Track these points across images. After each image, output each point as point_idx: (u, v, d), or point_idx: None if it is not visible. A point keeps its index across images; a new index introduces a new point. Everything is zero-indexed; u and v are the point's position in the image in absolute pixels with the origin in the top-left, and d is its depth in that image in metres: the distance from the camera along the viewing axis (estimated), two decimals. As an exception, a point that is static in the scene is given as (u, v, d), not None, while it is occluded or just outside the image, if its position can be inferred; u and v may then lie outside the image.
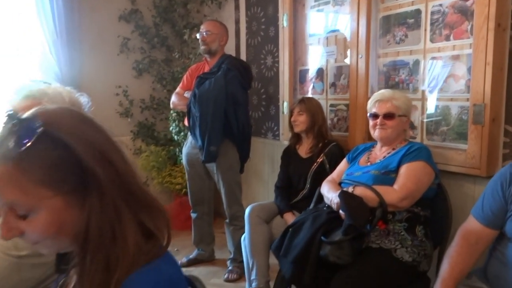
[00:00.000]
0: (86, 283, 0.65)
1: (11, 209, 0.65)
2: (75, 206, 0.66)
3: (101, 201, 0.65)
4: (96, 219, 0.65)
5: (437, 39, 2.08)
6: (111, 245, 0.66)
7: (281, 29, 3.08)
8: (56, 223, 0.65)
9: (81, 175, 0.65)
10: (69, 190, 0.65)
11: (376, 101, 1.95)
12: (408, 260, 1.67)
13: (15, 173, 0.62)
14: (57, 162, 0.64)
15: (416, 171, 1.74)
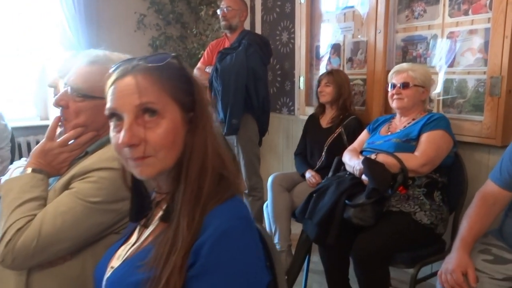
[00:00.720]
0: (184, 203, 0.75)
1: (138, 115, 0.76)
2: (185, 125, 0.79)
3: (202, 130, 0.78)
4: (197, 143, 0.78)
5: (456, 14, 2.15)
6: (200, 173, 0.76)
7: (297, 5, 3.13)
8: (173, 132, 0.77)
9: (194, 102, 0.79)
10: (185, 109, 0.79)
11: (394, 72, 2.03)
12: (426, 223, 1.78)
13: (153, 79, 0.77)
14: (180, 85, 0.79)
15: (436, 139, 1.83)
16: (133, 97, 0.76)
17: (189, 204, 0.75)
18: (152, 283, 0.71)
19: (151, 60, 0.79)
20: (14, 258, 0.97)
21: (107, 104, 0.79)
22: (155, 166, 0.78)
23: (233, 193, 0.80)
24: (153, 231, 0.83)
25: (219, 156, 0.81)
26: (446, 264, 1.43)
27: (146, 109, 0.76)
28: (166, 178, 0.82)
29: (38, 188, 1.07)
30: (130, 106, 0.76)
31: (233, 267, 0.72)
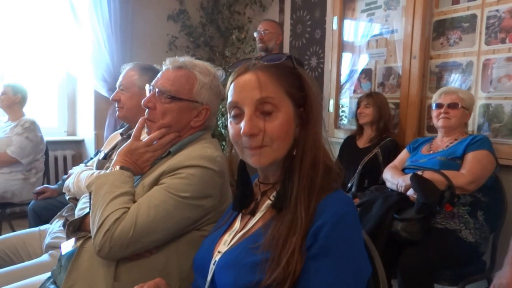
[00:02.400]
0: (300, 189, 0.81)
1: (258, 108, 0.83)
2: (297, 119, 0.86)
3: (312, 124, 0.85)
4: (310, 135, 0.84)
5: (492, 42, 2.24)
6: (311, 163, 0.82)
7: (329, 31, 3.25)
8: (287, 125, 0.84)
9: (305, 98, 0.86)
10: (297, 104, 0.86)
11: (442, 93, 2.09)
12: (472, 241, 1.81)
13: (271, 76, 0.85)
14: (294, 81, 0.86)
15: (482, 158, 1.89)
16: (254, 91, 0.83)
17: (304, 193, 0.80)
18: (272, 263, 0.76)
19: (269, 59, 0.87)
20: (112, 247, 1.01)
21: (229, 99, 0.86)
22: (270, 155, 0.84)
23: (339, 185, 0.86)
24: (261, 218, 0.88)
25: (326, 150, 0.86)
26: (499, 279, 1.46)
27: (266, 103, 0.83)
28: (276, 169, 0.88)
29: (127, 184, 1.12)
30: (251, 99, 0.83)
31: (348, 251, 0.77)
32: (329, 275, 0.75)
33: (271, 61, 0.86)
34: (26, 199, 2.80)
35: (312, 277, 0.75)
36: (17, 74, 3.70)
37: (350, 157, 2.55)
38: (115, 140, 1.72)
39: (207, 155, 1.13)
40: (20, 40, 3.66)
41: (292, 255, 0.75)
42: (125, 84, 1.63)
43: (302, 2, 3.55)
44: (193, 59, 1.28)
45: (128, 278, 1.08)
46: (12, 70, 3.72)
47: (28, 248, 1.70)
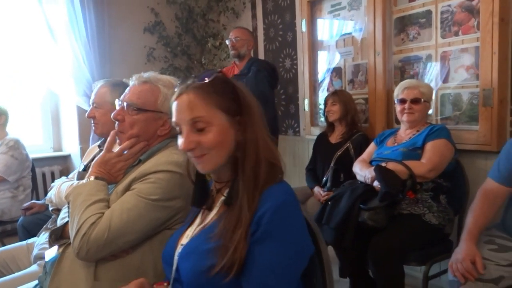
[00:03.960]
0: (244, 186, 0.92)
1: (192, 126, 0.95)
2: (234, 127, 0.96)
3: (252, 127, 0.95)
4: (250, 137, 0.95)
5: (447, 35, 2.38)
6: (256, 161, 0.93)
7: (299, 34, 3.37)
8: (221, 136, 0.95)
9: (239, 107, 0.96)
10: (232, 114, 0.96)
11: (404, 88, 2.20)
12: (435, 223, 1.94)
13: (201, 96, 0.95)
14: (226, 94, 0.96)
15: (440, 147, 2.01)
16: (186, 113, 0.95)
17: (249, 188, 0.92)
18: (222, 249, 0.88)
19: (201, 77, 0.97)
20: (88, 249, 1.12)
21: (173, 118, 0.98)
22: (211, 162, 0.97)
23: (282, 177, 0.97)
24: (216, 212, 1.00)
25: (269, 148, 0.98)
26: (456, 255, 1.58)
27: (197, 122, 0.95)
28: (225, 170, 0.99)
29: (102, 192, 1.23)
30: (185, 120, 0.96)
31: (289, 233, 0.89)
32: (272, 255, 0.87)
33: (203, 79, 0.97)
34: (15, 216, 2.88)
35: (256, 258, 0.87)
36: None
37: (324, 153, 2.67)
38: (93, 152, 1.83)
39: (174, 160, 1.24)
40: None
41: (239, 243, 0.87)
42: (97, 101, 1.73)
43: (272, 7, 3.68)
44: (157, 73, 1.39)
45: (107, 277, 1.18)
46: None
47: (17, 262, 1.79)
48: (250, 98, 0.99)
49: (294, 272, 0.91)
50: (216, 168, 0.99)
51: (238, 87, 0.99)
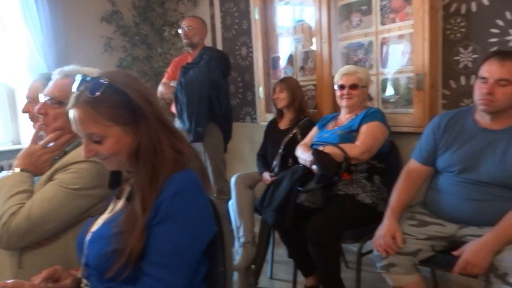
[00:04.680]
0: (140, 183, 0.98)
1: (88, 138, 0.99)
2: (130, 133, 1.00)
3: (147, 128, 0.99)
4: (144, 141, 0.99)
5: (386, 22, 2.47)
6: (155, 157, 0.99)
7: (253, 21, 3.42)
8: (118, 145, 1.00)
9: (133, 112, 0.99)
10: (126, 122, 0.99)
11: (343, 75, 2.29)
12: (368, 202, 2.05)
13: (92, 113, 0.97)
14: (118, 104, 0.98)
15: (373, 129, 2.11)
16: (80, 128, 0.99)
17: (148, 180, 0.98)
18: (124, 235, 0.94)
19: (92, 90, 0.97)
20: (9, 238, 1.17)
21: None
22: (113, 163, 1.04)
23: (186, 166, 1.03)
24: (123, 202, 1.06)
25: (171, 143, 1.03)
26: (378, 231, 1.69)
27: (92, 135, 0.99)
28: (130, 166, 1.05)
29: (26, 183, 1.27)
30: (80, 133, 1.00)
31: (186, 216, 0.96)
32: (169, 237, 0.94)
33: (93, 92, 0.97)
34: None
35: (154, 240, 0.95)
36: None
37: (273, 139, 2.75)
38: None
39: None
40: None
41: (140, 229, 0.94)
42: (31, 96, 1.75)
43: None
44: (80, 67, 1.42)
45: (32, 265, 1.23)
46: None
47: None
48: (144, 100, 1.00)
49: (191, 252, 0.98)
50: (120, 167, 1.07)
51: (130, 93, 0.98)
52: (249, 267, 2.41)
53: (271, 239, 2.51)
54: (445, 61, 2.21)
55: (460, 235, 1.63)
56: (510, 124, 1.61)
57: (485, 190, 1.60)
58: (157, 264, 0.94)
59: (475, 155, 1.63)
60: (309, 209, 2.00)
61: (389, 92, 2.51)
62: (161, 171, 0.98)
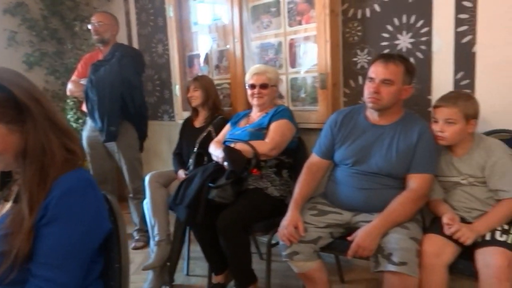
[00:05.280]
0: (27, 183, 0.96)
1: None
2: (16, 132, 0.97)
3: (34, 128, 0.97)
4: (32, 140, 0.97)
5: (293, 24, 2.60)
6: (43, 157, 0.97)
7: (168, 19, 3.40)
8: (2, 144, 0.96)
9: (19, 110, 0.96)
10: (9, 120, 0.96)
11: (253, 74, 2.37)
12: (277, 195, 2.15)
13: None
14: (1, 102, 0.95)
15: (281, 127, 2.22)
16: None
17: (33, 185, 0.96)
18: (12, 236, 0.92)
19: None
20: None
21: None
22: (1, 164, 1.01)
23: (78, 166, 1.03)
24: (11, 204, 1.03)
25: (64, 144, 1.02)
26: (282, 222, 1.80)
27: None
28: (18, 166, 1.02)
29: None
30: None
31: (75, 215, 0.96)
32: (57, 237, 0.94)
33: None
34: None
35: (44, 240, 0.94)
36: None
37: (188, 138, 2.77)
38: None
39: None
40: None
41: (27, 230, 0.92)
42: None
43: (143, -9, 3.64)
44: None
45: None
46: None
47: None
48: (31, 98, 0.98)
49: (82, 251, 0.98)
50: (7, 168, 1.03)
51: (15, 90, 0.96)
52: (164, 265, 2.41)
53: (187, 236, 2.53)
54: (345, 62, 2.39)
55: (354, 222, 1.79)
56: (395, 120, 1.80)
57: (374, 179, 1.76)
58: (45, 265, 0.93)
59: (366, 148, 1.80)
60: (221, 204, 2.06)
61: (298, 90, 2.64)
62: (50, 171, 0.97)
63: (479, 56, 1.90)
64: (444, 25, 1.98)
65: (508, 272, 1.42)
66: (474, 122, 1.66)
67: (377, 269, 1.61)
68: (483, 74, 1.90)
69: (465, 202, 1.67)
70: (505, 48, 1.82)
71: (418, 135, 1.72)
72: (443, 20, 1.98)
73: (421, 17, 2.05)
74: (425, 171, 1.70)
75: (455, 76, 1.98)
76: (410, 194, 1.68)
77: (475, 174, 1.65)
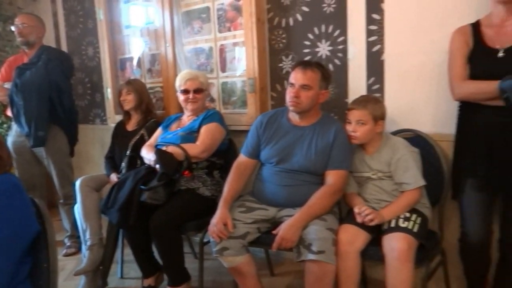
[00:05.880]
0: None
1: None
2: None
3: None
4: None
5: (223, 30, 2.70)
6: None
7: (98, 22, 3.36)
8: None
9: None
10: None
11: (187, 80, 2.41)
12: (208, 195, 2.24)
13: None
14: None
15: (212, 130, 2.30)
16: None
17: None
18: None
19: None
20: None
21: None
22: None
23: (4, 171, 1.05)
24: None
25: None
26: (212, 220, 1.89)
27: None
28: None
29: None
30: None
31: (2, 216, 0.99)
32: None
33: None
34: None
35: None
36: None
37: (121, 141, 2.76)
38: None
39: None
40: None
41: None
42: None
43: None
44: None
45: None
46: None
47: None
48: None
49: (10, 251, 1.01)
50: None
51: None
52: (97, 269, 2.40)
53: (121, 240, 2.54)
54: (272, 67, 2.53)
55: (279, 216, 1.92)
56: (314, 121, 1.96)
57: (296, 176, 1.91)
58: None
59: (288, 148, 1.94)
60: (153, 206, 2.10)
61: (229, 94, 2.75)
62: None
63: (387, 64, 2.12)
64: (357, 35, 2.19)
65: (409, 254, 1.62)
66: (382, 123, 1.86)
67: (299, 259, 1.75)
68: (390, 80, 2.12)
69: (375, 194, 1.86)
70: (408, 57, 2.05)
71: (334, 135, 1.89)
72: (356, 30, 2.18)
73: (338, 27, 2.24)
74: (341, 167, 1.88)
75: (367, 81, 2.19)
76: (327, 189, 1.85)
77: (383, 169, 1.85)
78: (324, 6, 2.27)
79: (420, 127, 2.03)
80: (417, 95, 2.05)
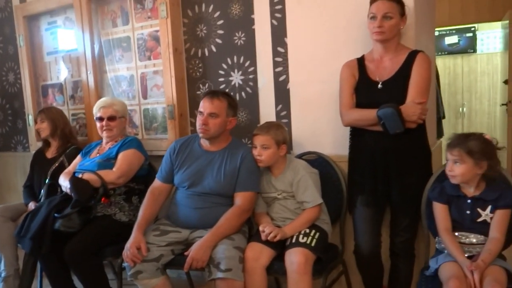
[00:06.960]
0: None
1: None
2: None
3: None
4: None
5: (143, 59, 2.80)
6: None
7: (19, 48, 3.32)
8: None
9: None
10: None
11: (100, 107, 2.48)
12: (125, 220, 2.29)
13: None
14: None
15: (129, 156, 2.36)
16: None
17: None
18: None
19: None
20: None
21: None
22: None
23: None
24: None
25: None
26: (126, 244, 1.94)
27: None
28: None
29: None
30: None
31: None
32: None
33: None
34: None
35: None
36: None
37: (40, 169, 2.74)
38: None
39: None
40: None
41: None
42: None
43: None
44: None
45: None
46: None
47: None
48: None
49: None
50: None
51: None
52: (13, 301, 2.35)
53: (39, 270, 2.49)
54: (190, 94, 2.65)
55: (192, 238, 2.02)
56: (223, 146, 2.10)
57: (207, 199, 2.03)
58: None
59: (200, 172, 2.06)
60: (68, 234, 2.12)
61: (150, 120, 2.83)
62: None
63: (292, 92, 2.32)
64: (265, 66, 2.37)
65: (306, 267, 1.78)
66: (284, 147, 2.03)
67: (210, 278, 1.85)
68: (295, 106, 2.32)
69: (281, 213, 2.02)
70: (309, 86, 2.26)
71: (241, 159, 2.03)
72: (264, 61, 2.37)
73: (248, 59, 2.42)
74: (247, 189, 2.01)
75: (276, 108, 2.37)
76: (235, 210, 1.98)
77: (287, 189, 2.01)
78: (235, 38, 2.45)
79: (322, 149, 2.24)
80: (318, 120, 2.26)
